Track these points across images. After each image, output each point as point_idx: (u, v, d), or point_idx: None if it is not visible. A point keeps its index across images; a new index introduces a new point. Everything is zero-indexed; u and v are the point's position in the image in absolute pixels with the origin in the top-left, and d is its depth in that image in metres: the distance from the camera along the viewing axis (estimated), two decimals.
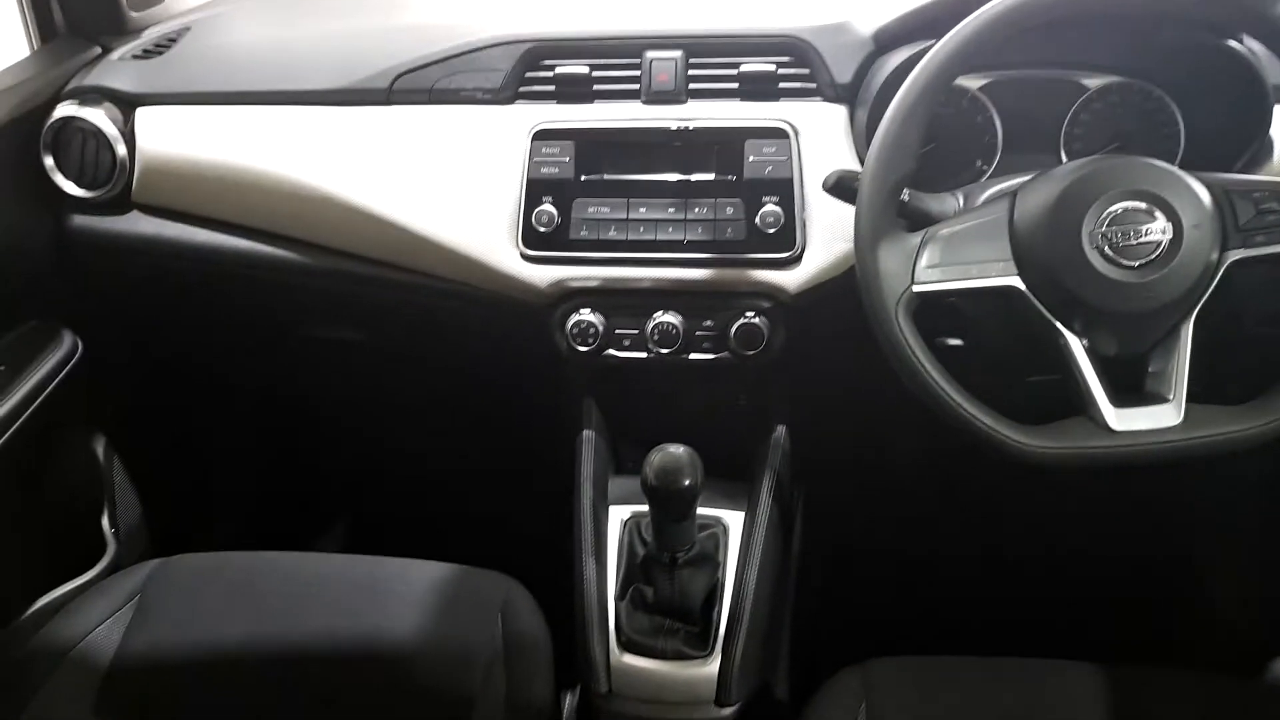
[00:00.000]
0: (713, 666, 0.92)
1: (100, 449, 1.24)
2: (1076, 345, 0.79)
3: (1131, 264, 0.78)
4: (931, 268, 0.80)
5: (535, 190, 1.01)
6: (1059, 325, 0.79)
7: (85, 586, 1.12)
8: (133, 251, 1.09)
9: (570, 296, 1.02)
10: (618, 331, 1.02)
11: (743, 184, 0.99)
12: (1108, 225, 0.78)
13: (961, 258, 0.80)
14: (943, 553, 1.40)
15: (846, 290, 0.88)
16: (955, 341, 0.96)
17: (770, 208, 0.98)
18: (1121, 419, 0.79)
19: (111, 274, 1.14)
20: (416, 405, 1.47)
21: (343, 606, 0.97)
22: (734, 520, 1.03)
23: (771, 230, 0.97)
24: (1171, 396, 0.79)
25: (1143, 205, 0.78)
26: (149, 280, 1.14)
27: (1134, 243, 0.78)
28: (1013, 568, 1.38)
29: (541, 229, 1.00)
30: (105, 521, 1.23)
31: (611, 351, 1.03)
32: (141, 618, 0.97)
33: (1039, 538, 1.41)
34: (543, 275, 1.01)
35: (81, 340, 1.14)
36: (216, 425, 1.49)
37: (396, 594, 0.98)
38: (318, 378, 1.44)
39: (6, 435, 1.03)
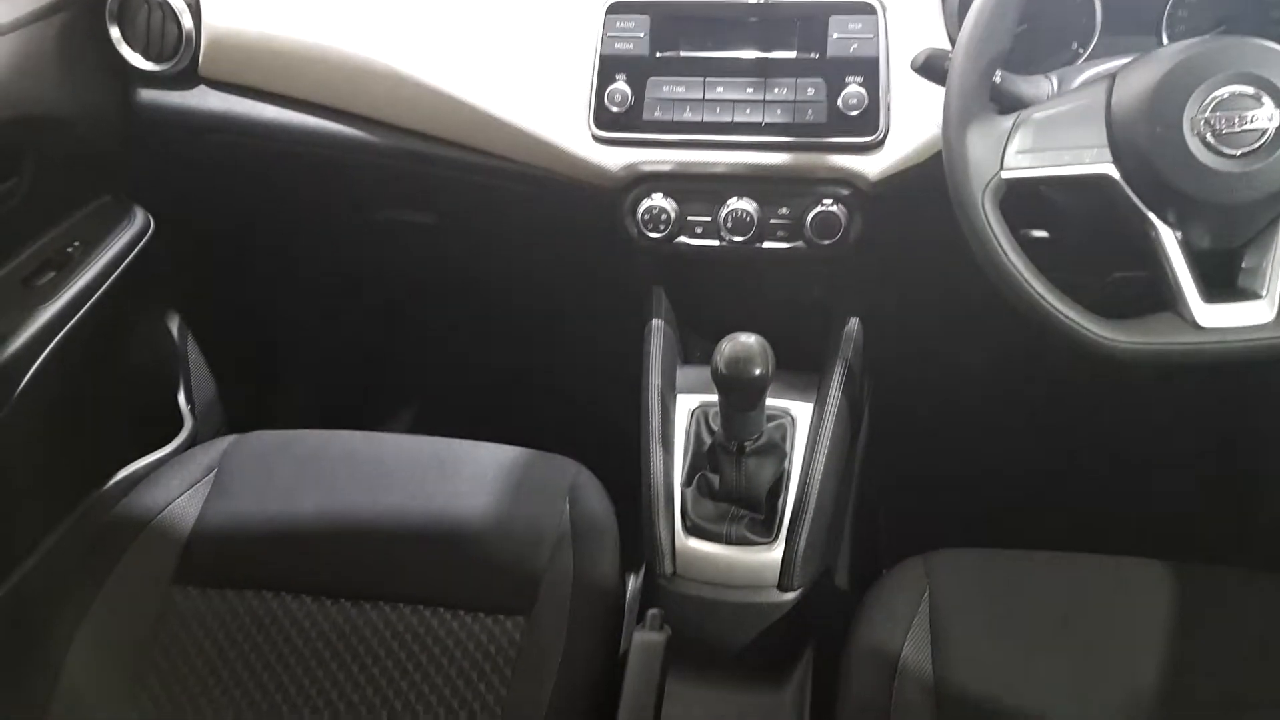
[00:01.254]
0: (776, 553, 0.96)
1: (174, 327, 1.30)
2: (1169, 237, 0.80)
3: (1234, 153, 0.77)
4: (1022, 153, 0.80)
5: (608, 67, 1.02)
6: (1152, 216, 0.80)
7: (164, 460, 1.19)
8: (201, 127, 1.12)
9: (642, 181, 1.04)
10: (690, 218, 1.05)
11: (825, 63, 0.99)
12: (1211, 111, 0.77)
13: (1054, 143, 0.81)
14: (1010, 450, 1.43)
15: (929, 178, 0.89)
16: (1040, 233, 0.97)
17: (853, 89, 0.98)
18: (1211, 315, 0.79)
19: (181, 150, 1.18)
20: (485, 289, 1.51)
21: (414, 485, 1.02)
22: (802, 411, 1.06)
23: (854, 112, 0.98)
24: (1265, 293, 0.80)
25: (1250, 90, 0.77)
26: (218, 157, 1.18)
27: (1238, 130, 0.77)
28: (1081, 467, 1.40)
29: (614, 109, 1.01)
30: (181, 398, 1.30)
31: (683, 239, 1.06)
32: (219, 490, 1.03)
33: (1108, 438, 1.43)
34: (614, 158, 1.03)
35: (153, 218, 1.19)
36: (287, 305, 1.55)
37: (466, 474, 1.03)
38: (387, 259, 1.48)
39: (82, 311, 1.09)
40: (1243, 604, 0.89)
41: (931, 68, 0.87)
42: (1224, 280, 0.82)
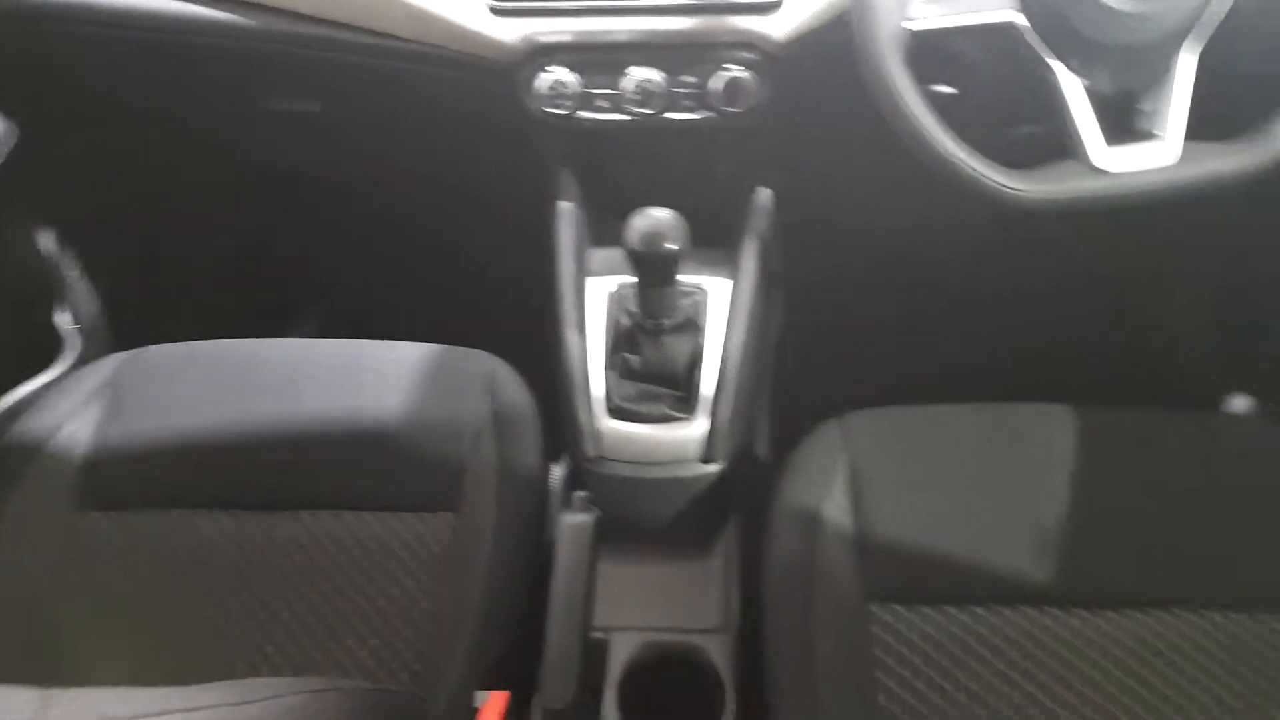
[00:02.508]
0: (698, 428, 0.99)
1: (48, 242, 1.24)
2: (1072, 84, 0.82)
3: None
4: (929, 3, 0.81)
5: None
6: (1055, 63, 0.81)
7: (50, 385, 1.15)
8: (58, 18, 1.04)
9: (541, 53, 1.01)
10: (592, 91, 1.03)
11: None
12: None
13: None
14: (924, 311, 1.48)
15: (837, 40, 0.89)
16: (947, 89, 0.98)
17: None
18: (1113, 159, 0.82)
19: (28, 47, 1.10)
20: (385, 182, 1.47)
21: (326, 388, 1.01)
22: (717, 286, 1.07)
23: None
24: (1164, 134, 0.83)
25: None
26: (69, 52, 1.10)
27: None
28: (994, 324, 1.46)
29: None
30: (62, 318, 1.24)
31: (586, 114, 1.04)
32: (114, 409, 1.00)
33: (1019, 295, 1.48)
34: (511, 29, 1.00)
35: (15, 124, 1.11)
36: (173, 211, 1.48)
37: (380, 374, 1.02)
38: (279, 154, 1.42)
39: None
40: (1145, 442, 0.95)
41: None
42: (1127, 125, 0.85)
